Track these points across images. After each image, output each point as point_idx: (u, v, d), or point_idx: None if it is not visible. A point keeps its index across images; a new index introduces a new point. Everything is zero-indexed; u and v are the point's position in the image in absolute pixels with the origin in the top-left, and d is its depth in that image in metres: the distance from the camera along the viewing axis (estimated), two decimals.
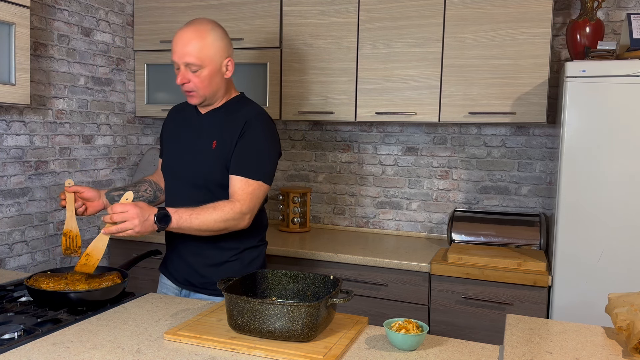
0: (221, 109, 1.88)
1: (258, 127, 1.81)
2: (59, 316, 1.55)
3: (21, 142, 2.56)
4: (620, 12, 2.67)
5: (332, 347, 1.34)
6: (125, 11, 3.16)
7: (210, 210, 1.68)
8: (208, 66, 1.76)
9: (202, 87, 1.78)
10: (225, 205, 1.71)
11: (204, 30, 1.76)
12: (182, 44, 1.74)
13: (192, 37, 1.74)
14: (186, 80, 1.77)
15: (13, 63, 2.19)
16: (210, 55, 1.76)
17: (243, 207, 1.73)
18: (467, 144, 2.96)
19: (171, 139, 1.97)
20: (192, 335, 1.39)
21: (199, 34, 1.75)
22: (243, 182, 1.76)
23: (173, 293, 1.97)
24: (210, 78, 1.78)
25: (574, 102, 2.16)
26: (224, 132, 1.82)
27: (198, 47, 1.74)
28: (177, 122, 1.98)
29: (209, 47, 1.76)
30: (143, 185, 2.03)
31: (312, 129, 3.27)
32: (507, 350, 1.35)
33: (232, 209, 1.71)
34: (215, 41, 1.77)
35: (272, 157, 1.84)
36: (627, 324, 1.36)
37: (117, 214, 1.56)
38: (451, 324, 2.42)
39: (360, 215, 3.19)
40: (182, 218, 1.64)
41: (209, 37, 1.76)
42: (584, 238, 2.18)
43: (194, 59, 1.74)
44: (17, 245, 2.57)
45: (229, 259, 1.88)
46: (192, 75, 1.76)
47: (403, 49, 2.66)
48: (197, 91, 1.79)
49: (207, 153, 1.82)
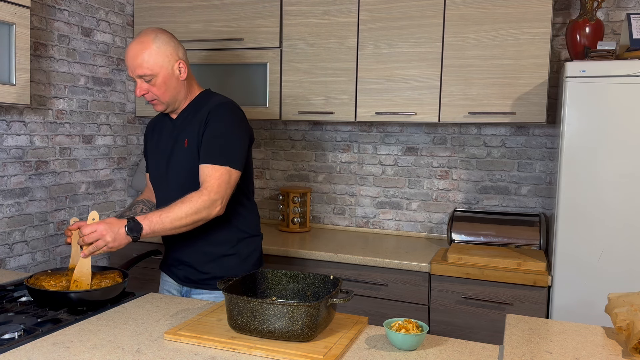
0: (188, 109, 1.92)
1: (221, 114, 1.84)
2: (59, 316, 1.55)
3: (21, 142, 2.56)
4: (620, 12, 2.67)
5: (332, 347, 1.34)
6: (125, 11, 3.16)
7: (179, 205, 1.70)
8: (160, 73, 1.81)
9: (160, 95, 1.84)
10: (193, 196, 1.72)
11: (147, 40, 1.81)
12: (131, 58, 1.80)
13: (138, 50, 1.80)
14: (144, 91, 1.83)
15: (13, 63, 2.19)
16: (159, 63, 1.80)
17: (212, 194, 1.73)
18: (467, 144, 2.96)
19: (152, 151, 2.02)
20: (192, 335, 1.39)
21: (143, 45, 1.80)
22: (210, 169, 1.77)
23: (175, 290, 1.99)
24: (166, 84, 1.83)
25: (574, 102, 2.16)
26: (192, 128, 1.86)
27: (145, 57, 1.79)
28: (154, 133, 2.03)
29: (155, 55, 1.80)
30: (138, 206, 2.06)
31: (312, 129, 3.27)
32: (507, 350, 1.35)
33: (200, 198, 1.72)
34: (161, 47, 1.81)
35: (238, 141, 1.85)
36: (627, 324, 1.36)
37: (87, 235, 1.60)
38: (451, 324, 2.42)
39: (360, 215, 3.19)
40: (153, 222, 1.66)
41: (153, 46, 1.80)
42: (584, 238, 2.18)
43: (145, 70, 1.79)
44: (17, 245, 2.57)
45: (226, 253, 1.91)
46: (148, 85, 1.82)
47: (403, 49, 2.66)
48: (158, 99, 1.85)
49: (182, 153, 1.87)
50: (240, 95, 2.96)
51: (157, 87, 1.82)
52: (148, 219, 1.65)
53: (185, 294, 1.97)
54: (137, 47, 1.80)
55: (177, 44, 1.87)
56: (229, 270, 1.89)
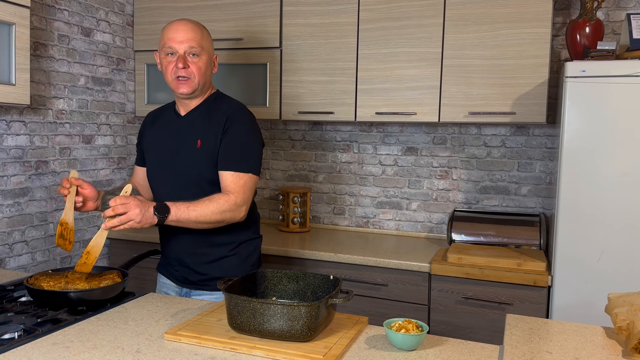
0: (199, 108, 1.92)
1: (240, 121, 1.87)
2: (59, 316, 1.55)
3: (21, 142, 2.56)
4: (620, 12, 2.67)
5: (332, 347, 1.34)
6: (125, 11, 3.16)
7: (207, 203, 1.72)
8: (206, 54, 1.88)
9: (198, 74, 1.86)
10: (220, 198, 1.75)
11: (199, 24, 1.91)
12: (184, 31, 1.84)
13: (192, 27, 1.86)
14: (186, 65, 1.83)
15: (13, 63, 2.19)
16: (207, 45, 1.89)
17: (238, 199, 1.77)
18: (467, 144, 2.96)
19: (153, 144, 1.99)
20: (192, 335, 1.39)
21: (197, 26, 1.88)
22: (234, 176, 1.80)
23: (174, 292, 1.98)
24: (206, 67, 1.88)
25: (574, 102, 2.16)
26: (207, 130, 1.86)
27: (199, 35, 1.86)
28: (156, 127, 2.01)
29: (206, 37, 1.90)
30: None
31: (312, 129, 3.27)
32: (507, 350, 1.35)
33: (227, 201, 1.75)
34: (209, 35, 1.93)
35: (257, 148, 1.89)
36: (627, 324, 1.36)
37: (120, 205, 1.59)
38: (451, 324, 2.42)
39: (360, 215, 3.19)
40: (180, 210, 1.68)
41: (205, 30, 1.91)
42: (584, 238, 2.18)
43: (197, 44, 1.84)
44: (17, 245, 2.57)
45: (227, 254, 1.91)
46: (191, 61, 1.84)
47: (403, 49, 2.66)
48: (193, 78, 1.85)
49: (194, 153, 1.86)
50: (241, 95, 2.96)
51: (199, 67, 1.84)
52: (176, 205, 1.68)
53: (185, 295, 1.96)
54: (191, 24, 1.86)
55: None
56: (228, 271, 1.89)
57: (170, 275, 1.99)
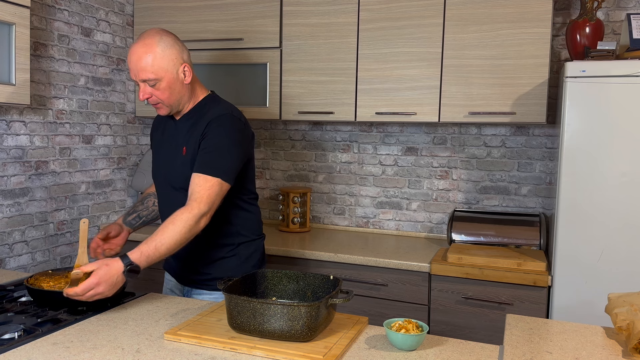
0: (190, 114, 1.90)
1: (220, 125, 1.80)
2: (59, 316, 1.55)
3: (21, 142, 2.56)
4: (620, 12, 2.67)
5: (332, 347, 1.34)
6: (125, 11, 3.16)
7: (171, 227, 1.64)
8: (164, 77, 1.77)
9: (164, 99, 1.80)
10: (182, 214, 1.66)
11: (152, 43, 1.75)
12: (134, 61, 1.75)
13: (142, 53, 1.74)
14: (148, 95, 1.79)
15: (13, 63, 2.19)
16: (163, 67, 1.76)
17: (201, 206, 1.69)
18: (467, 144, 2.96)
19: (156, 146, 2.02)
20: (192, 335, 1.39)
21: (147, 48, 1.75)
22: (201, 179, 1.73)
23: (177, 289, 2.02)
24: (170, 88, 1.79)
25: (574, 102, 2.16)
26: (191, 137, 1.84)
27: (149, 61, 1.74)
28: (159, 129, 2.03)
29: (160, 59, 1.75)
30: (149, 200, 2.08)
31: (312, 129, 3.27)
32: (507, 350, 1.35)
33: (190, 213, 1.67)
34: (165, 51, 1.76)
35: (233, 154, 1.80)
36: (627, 324, 1.36)
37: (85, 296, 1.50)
38: (451, 324, 2.42)
39: (360, 215, 3.19)
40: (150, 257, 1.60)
41: (157, 49, 1.75)
42: (584, 238, 2.18)
43: (149, 74, 1.75)
44: (17, 245, 2.57)
45: (226, 255, 1.92)
46: (152, 89, 1.78)
47: (403, 49, 2.66)
48: (162, 102, 1.82)
49: (180, 160, 1.86)
50: (240, 95, 2.96)
51: (161, 92, 1.78)
52: (145, 255, 1.59)
53: (187, 293, 1.98)
54: (140, 50, 1.74)
55: (181, 47, 1.83)
56: (228, 272, 1.89)
57: (173, 273, 2.02)
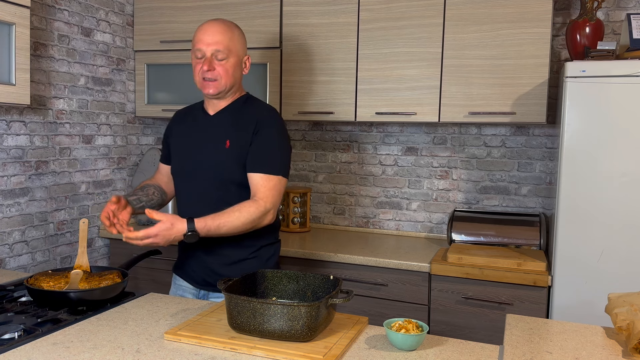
0: (229, 109, 1.91)
1: (271, 124, 1.87)
2: (59, 316, 1.55)
3: (21, 142, 2.56)
4: (620, 12, 2.67)
5: (332, 347, 1.34)
6: (125, 11, 3.16)
7: (237, 214, 1.73)
8: (234, 57, 1.85)
9: (225, 76, 1.85)
10: (250, 206, 1.75)
11: (232, 25, 1.88)
12: (212, 33, 1.83)
13: (222, 29, 1.84)
14: (212, 67, 1.83)
15: (13, 63, 2.19)
16: (236, 48, 1.86)
17: (267, 203, 1.78)
18: (467, 144, 2.96)
19: (180, 141, 1.98)
20: (192, 335, 1.39)
21: (228, 27, 1.86)
22: (264, 179, 1.80)
23: (191, 294, 1.96)
24: (234, 69, 1.86)
25: (574, 102, 2.16)
26: (237, 131, 1.85)
27: (228, 37, 1.84)
28: (184, 124, 1.99)
29: (236, 40, 1.87)
30: (149, 189, 2.04)
31: (312, 129, 3.27)
32: (507, 350, 1.35)
33: (257, 209, 1.76)
34: (240, 36, 1.90)
35: (286, 151, 1.90)
36: (627, 324, 1.36)
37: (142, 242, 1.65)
38: (451, 324, 2.42)
39: (360, 215, 3.19)
40: (211, 229, 1.70)
41: (236, 31, 1.88)
42: (584, 238, 2.18)
43: (224, 47, 1.83)
44: (17, 245, 2.57)
45: (248, 257, 1.89)
46: (218, 63, 1.83)
47: (403, 49, 2.66)
48: (220, 80, 1.85)
49: (222, 153, 1.85)
50: None
51: (226, 69, 1.84)
52: (207, 228, 1.69)
53: (203, 297, 1.93)
54: (221, 25, 1.84)
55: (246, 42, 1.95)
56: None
57: (187, 276, 1.96)
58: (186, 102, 3.10)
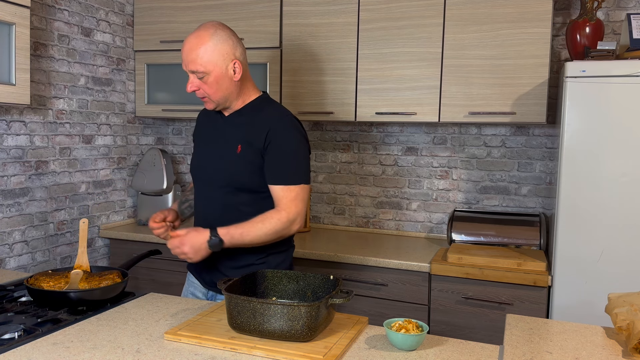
0: (242, 112, 1.86)
1: (284, 130, 1.80)
2: (59, 316, 1.55)
3: (21, 142, 2.56)
4: (620, 12, 2.67)
5: (332, 347, 1.34)
6: (125, 11, 3.16)
7: (260, 225, 1.73)
8: (212, 71, 1.75)
9: (211, 93, 1.78)
10: (273, 217, 1.75)
11: (205, 35, 1.74)
12: (186, 52, 1.76)
13: (194, 44, 1.74)
14: (195, 87, 1.78)
15: (13, 63, 2.19)
16: (213, 60, 1.74)
17: (290, 214, 1.76)
18: (467, 144, 2.96)
19: (199, 142, 1.98)
20: (192, 335, 1.39)
21: (199, 40, 1.74)
22: (285, 190, 1.77)
23: (200, 293, 1.96)
24: (218, 83, 1.76)
25: (574, 102, 2.16)
26: (249, 137, 1.81)
27: (200, 53, 1.73)
28: (204, 124, 1.99)
29: (210, 52, 1.73)
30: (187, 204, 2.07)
31: (312, 129, 3.27)
32: (507, 350, 1.35)
33: (279, 219, 1.75)
34: (217, 45, 1.74)
35: (304, 157, 1.83)
36: (627, 324, 1.36)
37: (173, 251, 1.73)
38: (451, 324, 2.42)
39: (360, 215, 3.19)
40: (234, 238, 1.72)
41: (209, 42, 1.74)
42: (584, 238, 2.18)
43: (197, 66, 1.73)
44: (17, 245, 2.57)
45: (254, 262, 1.86)
46: (200, 82, 1.77)
47: (403, 49, 2.66)
48: (209, 97, 1.80)
49: (233, 158, 1.82)
50: None
51: (209, 85, 1.76)
52: (230, 235, 1.71)
53: (211, 298, 1.93)
54: (193, 42, 1.74)
55: (235, 42, 1.79)
56: None
57: (198, 276, 1.96)
58: (186, 102, 3.11)
